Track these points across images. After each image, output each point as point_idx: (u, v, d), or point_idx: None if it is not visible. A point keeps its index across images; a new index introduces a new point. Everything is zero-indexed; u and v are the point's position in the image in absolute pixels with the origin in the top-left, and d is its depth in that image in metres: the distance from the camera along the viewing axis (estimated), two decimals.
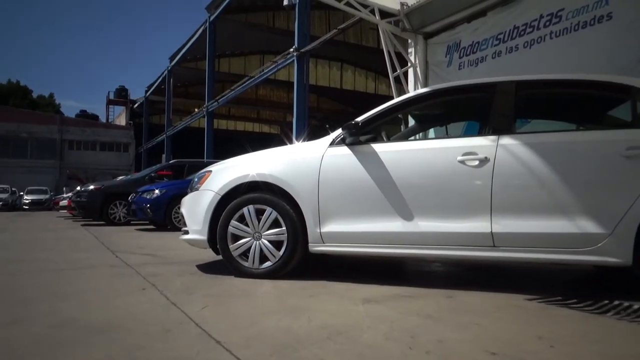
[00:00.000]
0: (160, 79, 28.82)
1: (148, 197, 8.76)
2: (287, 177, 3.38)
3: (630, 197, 2.72)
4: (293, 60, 12.50)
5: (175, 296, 2.79)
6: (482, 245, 2.99)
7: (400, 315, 2.37)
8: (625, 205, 2.73)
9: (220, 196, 3.49)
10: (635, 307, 2.58)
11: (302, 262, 3.43)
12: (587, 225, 2.79)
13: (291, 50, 12.46)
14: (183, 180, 9.39)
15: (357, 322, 2.25)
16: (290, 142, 4.50)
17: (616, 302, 2.67)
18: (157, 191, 8.78)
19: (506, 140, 3.04)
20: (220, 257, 3.55)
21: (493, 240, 2.95)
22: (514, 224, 2.91)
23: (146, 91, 32.39)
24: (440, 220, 3.06)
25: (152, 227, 9.51)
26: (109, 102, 42.28)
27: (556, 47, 6.25)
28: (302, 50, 12.16)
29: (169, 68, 26.68)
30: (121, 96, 40.30)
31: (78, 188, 12.13)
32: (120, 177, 13.84)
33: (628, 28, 5.45)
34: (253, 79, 16.81)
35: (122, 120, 41.08)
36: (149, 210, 8.63)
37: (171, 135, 27.19)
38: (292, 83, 12.94)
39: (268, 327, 2.15)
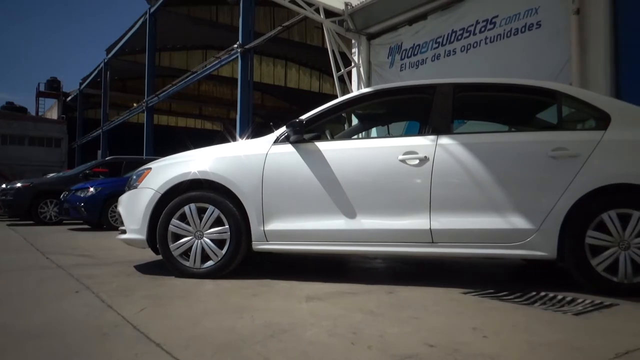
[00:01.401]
0: (97, 71, 27.48)
1: (82, 195, 8.37)
2: (230, 174, 3.33)
3: (555, 194, 2.92)
4: (237, 57, 12.32)
5: (111, 298, 2.68)
6: (421, 242, 3.09)
7: (343, 312, 2.40)
8: (551, 202, 2.92)
9: (160, 194, 3.38)
10: (559, 297, 2.76)
11: (245, 261, 3.40)
12: (517, 221, 2.96)
13: (235, 46, 12.26)
14: (120, 177, 9.05)
15: (300, 319, 2.26)
16: (234, 139, 4.44)
17: (542, 293, 2.85)
18: (92, 189, 8.40)
19: (444, 140, 3.16)
20: (159, 257, 3.45)
21: (432, 236, 3.06)
22: (451, 221, 3.04)
23: (80, 84, 30.77)
24: (381, 217, 3.14)
25: (86, 226, 9.07)
26: (39, 94, 39.75)
27: (491, 51, 6.56)
28: (247, 46, 12.00)
29: (106, 60, 25.50)
30: (53, 88, 38.01)
31: (3, 186, 11.34)
32: (52, 174, 13.09)
33: (555, 36, 5.82)
34: (195, 74, 16.40)
35: (53, 114, 38.77)
36: (83, 209, 8.24)
37: (108, 131, 26.02)
38: (236, 79, 12.75)
39: (210, 328, 2.12)
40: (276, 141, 3.40)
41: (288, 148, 3.34)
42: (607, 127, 3.02)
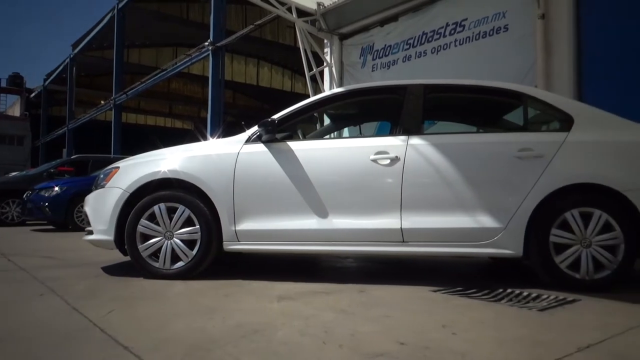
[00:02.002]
0: (62, 67, 26.68)
1: (46, 194, 8.12)
2: (201, 174, 3.29)
3: (521, 194, 3.00)
4: (208, 55, 12.17)
5: (77, 301, 2.61)
6: (392, 241, 3.13)
7: (315, 311, 2.41)
8: (517, 201, 3.00)
9: (128, 194, 3.31)
10: (525, 293, 2.84)
11: (216, 261, 3.37)
12: (485, 220, 3.03)
13: (206, 44, 12.11)
14: (87, 177, 8.82)
15: (272, 319, 2.25)
16: (205, 138, 4.39)
17: (509, 290, 2.93)
18: (56, 188, 8.16)
19: (415, 141, 3.20)
20: (128, 258, 3.38)
21: (402, 235, 3.09)
22: (422, 220, 3.08)
23: (45, 80, 29.81)
24: (353, 217, 3.16)
25: (51, 227, 8.80)
26: (0, 91, 38.33)
27: (460, 53, 6.69)
28: (218, 44, 11.87)
29: (72, 56, 24.78)
30: (15, 84, 36.69)
31: None
32: (14, 173, 12.63)
33: (521, 40, 5.98)
34: (165, 71, 16.11)
35: (16, 111, 37.42)
36: (47, 209, 8.00)
37: (74, 129, 25.29)
38: (207, 78, 12.59)
39: (180, 329, 2.09)
40: (248, 140, 3.38)
41: (260, 147, 3.32)
42: (570, 128, 3.12)
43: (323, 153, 3.33)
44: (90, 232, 3.47)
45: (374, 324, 2.19)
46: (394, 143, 3.22)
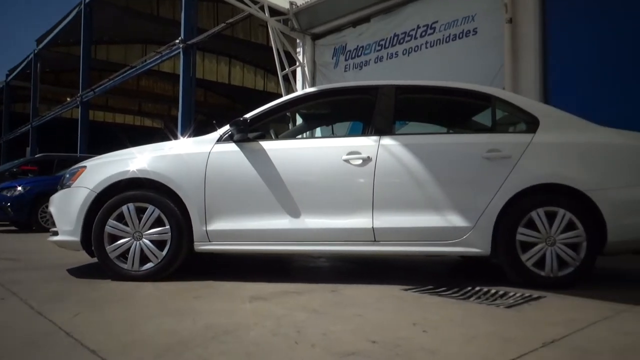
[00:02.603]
0: (26, 62, 25.79)
1: (9, 194, 7.86)
2: (172, 173, 3.24)
3: (489, 194, 3.07)
4: (179, 52, 11.98)
5: (41, 305, 2.53)
6: (364, 240, 3.15)
7: (287, 311, 2.40)
8: (485, 201, 3.07)
9: (96, 194, 3.23)
10: (493, 291, 2.91)
11: (187, 262, 3.32)
12: (455, 220, 3.08)
13: (177, 41, 11.92)
14: (52, 176, 8.57)
15: (244, 320, 2.24)
16: (175, 137, 4.32)
17: (477, 288, 2.99)
18: (19, 188, 7.90)
19: (387, 141, 3.24)
20: (95, 259, 3.29)
21: (374, 235, 3.12)
22: (393, 220, 3.12)
23: (7, 75, 28.76)
24: (326, 217, 3.17)
25: (13, 228, 8.51)
26: None
27: (431, 55, 6.80)
28: (189, 42, 11.71)
29: (36, 51, 23.98)
30: None
31: None
32: None
33: (490, 43, 6.12)
34: (134, 69, 15.77)
35: None
36: (9, 209, 7.75)
37: (38, 126, 24.49)
38: (178, 76, 12.40)
39: (149, 332, 2.05)
40: (219, 140, 3.34)
41: (232, 147, 3.30)
42: (536, 130, 3.21)
43: (295, 153, 3.33)
44: (56, 233, 3.37)
45: (346, 323, 2.20)
46: (366, 143, 3.25)
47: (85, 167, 3.41)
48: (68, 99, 22.09)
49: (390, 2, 7.27)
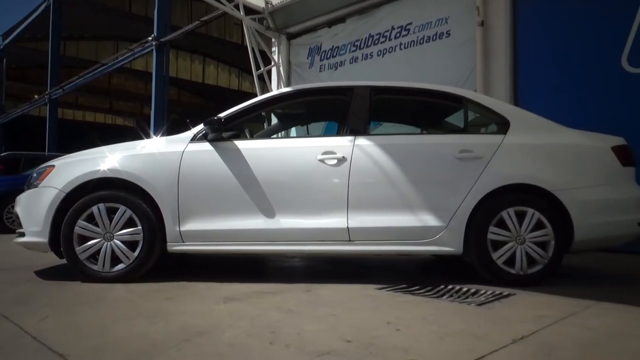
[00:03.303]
0: None
1: None
2: (144, 173, 3.18)
3: (462, 193, 3.12)
4: (152, 50, 11.79)
5: (8, 308, 2.45)
6: (339, 240, 3.16)
7: (261, 312, 2.39)
8: (458, 200, 3.12)
9: (65, 194, 3.15)
10: (465, 289, 2.96)
11: (159, 263, 3.27)
12: (428, 219, 3.13)
13: (150, 38, 11.73)
14: (18, 175, 8.31)
15: (218, 321, 2.22)
16: (148, 136, 4.25)
17: (450, 286, 3.04)
18: None
19: (362, 141, 3.26)
20: (64, 261, 3.21)
21: (349, 235, 3.14)
22: (368, 220, 3.14)
23: None
24: (300, 216, 3.17)
25: None
26: None
27: (405, 57, 6.87)
28: (162, 39, 11.53)
29: (2, 47, 23.24)
30: None
31: None
32: None
33: (462, 46, 6.23)
34: (106, 66, 15.42)
35: None
36: None
37: (4, 124, 23.73)
38: (150, 74, 12.20)
39: (120, 335, 2.01)
40: (193, 139, 3.31)
41: (206, 146, 3.26)
42: (507, 131, 3.29)
43: (270, 152, 3.32)
44: (22, 234, 3.27)
45: (320, 322, 2.20)
46: (341, 143, 3.26)
47: (53, 166, 3.32)
48: (36, 96, 21.45)
49: (365, 3, 7.31)
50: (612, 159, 3.26)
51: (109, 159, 3.25)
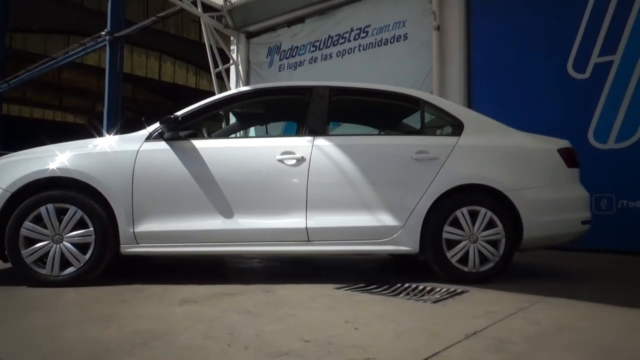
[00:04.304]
0: None
1: None
2: (96, 172, 3.08)
3: (418, 193, 3.20)
4: (105, 45, 11.40)
5: None
6: (298, 240, 3.17)
7: (219, 314, 2.37)
8: (414, 200, 3.19)
9: (9, 194, 3.00)
10: (421, 287, 3.03)
11: (113, 265, 3.17)
12: (385, 219, 3.18)
13: (103, 33, 11.34)
14: None
15: (174, 324, 2.18)
16: (100, 134, 4.11)
17: (406, 285, 3.11)
18: None
19: (321, 141, 3.27)
20: (8, 264, 3.05)
21: (308, 235, 3.15)
22: (326, 219, 3.16)
23: None
24: (259, 217, 3.15)
25: None
26: None
27: (364, 58, 6.95)
28: (116, 35, 11.18)
29: None
30: None
31: None
32: None
33: (419, 49, 6.37)
34: (55, 60, 14.78)
35: None
36: None
37: None
38: (103, 69, 11.81)
39: (71, 340, 1.94)
40: (149, 138, 3.23)
41: (162, 145, 3.19)
42: (461, 133, 3.39)
43: (228, 152, 3.28)
44: None
45: (280, 323, 2.20)
46: (300, 143, 3.27)
47: None
48: None
49: (324, 4, 7.35)
50: (558, 160, 3.42)
51: (58, 157, 3.11)
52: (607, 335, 2.04)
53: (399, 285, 3.11)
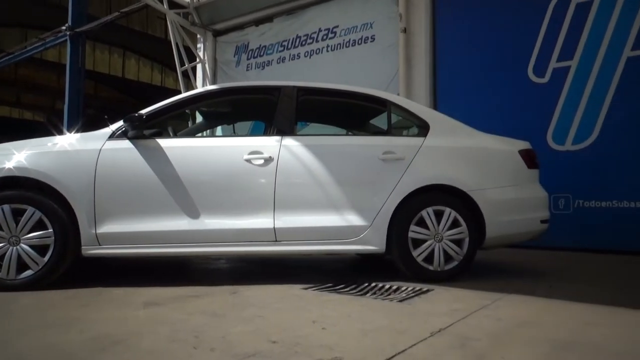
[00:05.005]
0: None
1: None
2: (56, 172, 2.97)
3: (384, 193, 3.24)
4: (66, 40, 11.02)
5: None
6: (265, 241, 3.15)
7: (184, 316, 2.32)
8: (381, 200, 3.22)
9: None
10: (387, 286, 3.07)
11: (73, 268, 3.07)
12: (353, 219, 3.21)
13: (64, 28, 10.95)
14: None
15: (137, 328, 2.12)
16: (61, 132, 3.98)
17: (373, 284, 3.14)
18: None
19: (288, 141, 3.27)
20: None
21: (275, 235, 3.13)
22: (294, 219, 3.16)
23: None
24: (226, 217, 3.12)
25: None
26: None
27: (332, 59, 6.99)
28: (77, 30, 10.81)
29: None
30: None
31: None
32: None
33: (386, 50, 6.45)
34: (12, 55, 14.20)
35: None
36: None
37: None
38: (64, 65, 11.41)
39: (27, 347, 1.86)
40: (112, 136, 3.14)
41: (125, 144, 3.11)
42: (427, 134, 3.45)
43: (195, 151, 3.23)
44: None
45: (246, 324, 2.18)
46: (267, 143, 3.25)
47: None
48: None
49: (292, 3, 7.34)
50: (519, 161, 3.52)
51: (15, 156, 2.99)
52: (564, 330, 2.12)
53: (366, 284, 3.13)
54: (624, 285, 3.27)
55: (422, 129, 3.52)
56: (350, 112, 4.28)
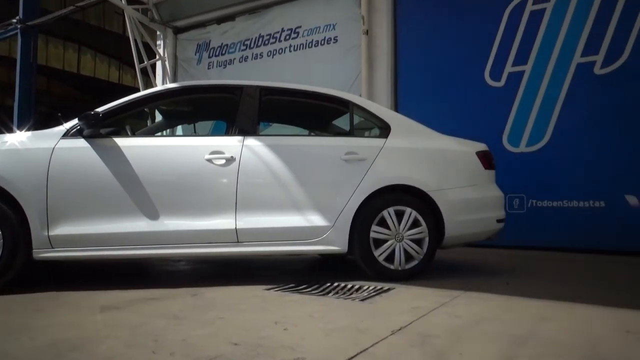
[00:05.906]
0: None
1: None
2: (5, 171, 2.84)
3: (347, 194, 3.26)
4: (16, 34, 10.53)
5: None
6: (227, 242, 3.12)
7: (144, 319, 2.27)
8: (343, 201, 3.25)
9: None
10: (349, 286, 3.10)
11: (24, 272, 2.94)
12: (315, 219, 3.22)
13: (14, 21, 10.47)
14: None
15: (93, 332, 2.06)
16: (11, 130, 3.80)
17: (336, 284, 3.16)
18: None
19: (251, 141, 3.25)
20: None
21: (237, 236, 3.11)
22: (256, 220, 3.14)
23: None
24: (186, 218, 3.06)
25: None
26: None
27: (294, 59, 6.99)
28: (29, 23, 10.36)
29: None
30: None
31: None
32: None
33: (349, 52, 6.50)
34: None
35: None
36: None
37: None
38: (14, 59, 10.91)
39: None
40: (66, 135, 3.03)
41: (81, 143, 3.01)
42: (388, 135, 3.50)
43: (154, 151, 3.16)
44: None
45: (207, 327, 2.15)
46: (229, 143, 3.22)
47: None
48: None
49: (255, 2, 7.29)
50: (476, 162, 3.63)
51: None
52: (520, 325, 2.20)
53: (328, 284, 3.15)
54: (575, 281, 3.42)
55: (384, 130, 3.57)
56: (313, 113, 4.29)
